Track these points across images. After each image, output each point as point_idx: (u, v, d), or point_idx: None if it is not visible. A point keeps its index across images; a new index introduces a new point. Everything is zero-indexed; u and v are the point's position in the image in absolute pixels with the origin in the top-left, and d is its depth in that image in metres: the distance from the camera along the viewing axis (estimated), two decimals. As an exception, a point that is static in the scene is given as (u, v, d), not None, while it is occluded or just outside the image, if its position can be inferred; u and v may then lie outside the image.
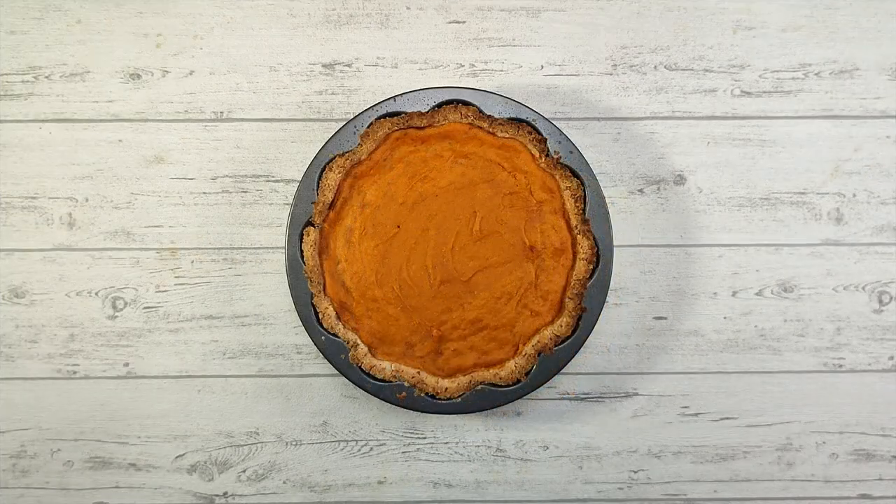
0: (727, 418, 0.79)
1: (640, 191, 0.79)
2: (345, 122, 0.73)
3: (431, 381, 0.73)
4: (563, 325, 0.73)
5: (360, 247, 0.73)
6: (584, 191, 0.72)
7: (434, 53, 0.78)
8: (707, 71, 0.79)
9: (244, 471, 0.79)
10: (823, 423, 0.80)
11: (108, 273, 0.78)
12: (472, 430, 0.80)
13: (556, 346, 0.72)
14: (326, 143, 0.72)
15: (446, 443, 0.79)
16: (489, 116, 0.73)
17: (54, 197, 0.78)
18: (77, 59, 0.77)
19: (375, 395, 0.72)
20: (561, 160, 0.72)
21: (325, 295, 0.73)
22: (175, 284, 0.78)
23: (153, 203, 0.78)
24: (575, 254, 0.73)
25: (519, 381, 0.72)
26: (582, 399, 0.79)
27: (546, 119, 0.72)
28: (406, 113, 0.72)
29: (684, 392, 0.79)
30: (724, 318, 0.79)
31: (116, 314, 0.78)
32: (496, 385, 0.72)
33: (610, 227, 0.72)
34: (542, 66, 0.78)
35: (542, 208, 0.73)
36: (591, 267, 0.73)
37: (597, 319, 0.72)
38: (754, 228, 0.79)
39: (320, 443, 0.79)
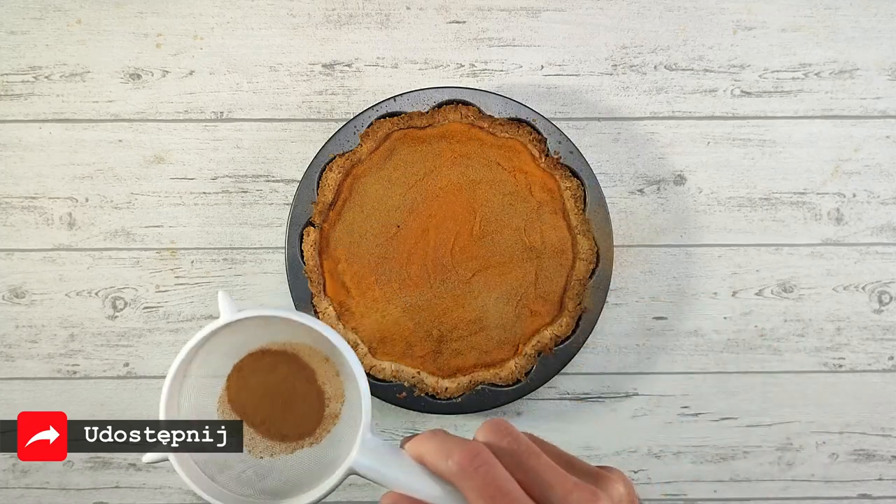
0: (727, 418, 0.79)
1: (640, 191, 0.79)
2: (345, 122, 0.73)
3: (431, 381, 0.73)
4: (563, 325, 0.73)
5: (361, 247, 0.73)
6: (584, 191, 0.72)
7: (434, 53, 0.78)
8: (707, 71, 0.78)
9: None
10: (823, 423, 0.80)
11: (108, 273, 0.78)
12: (472, 430, 0.79)
13: (556, 346, 0.72)
14: (326, 143, 0.72)
15: (446, 443, 0.79)
16: (489, 116, 0.73)
17: (54, 197, 0.78)
18: (77, 59, 0.77)
19: (375, 395, 0.72)
20: (561, 160, 0.72)
21: (325, 295, 0.73)
22: (175, 284, 0.78)
23: (153, 203, 0.78)
24: (575, 254, 0.73)
25: (519, 381, 0.72)
26: (582, 399, 0.79)
27: (546, 119, 0.72)
28: (406, 113, 0.72)
29: (684, 392, 0.79)
30: (724, 318, 0.79)
31: (116, 314, 0.78)
32: (496, 385, 0.72)
33: (610, 227, 0.72)
34: (542, 66, 0.78)
35: (542, 208, 0.73)
36: (591, 267, 0.73)
37: (597, 319, 0.72)
38: (754, 228, 0.79)
39: (320, 443, 0.79)
